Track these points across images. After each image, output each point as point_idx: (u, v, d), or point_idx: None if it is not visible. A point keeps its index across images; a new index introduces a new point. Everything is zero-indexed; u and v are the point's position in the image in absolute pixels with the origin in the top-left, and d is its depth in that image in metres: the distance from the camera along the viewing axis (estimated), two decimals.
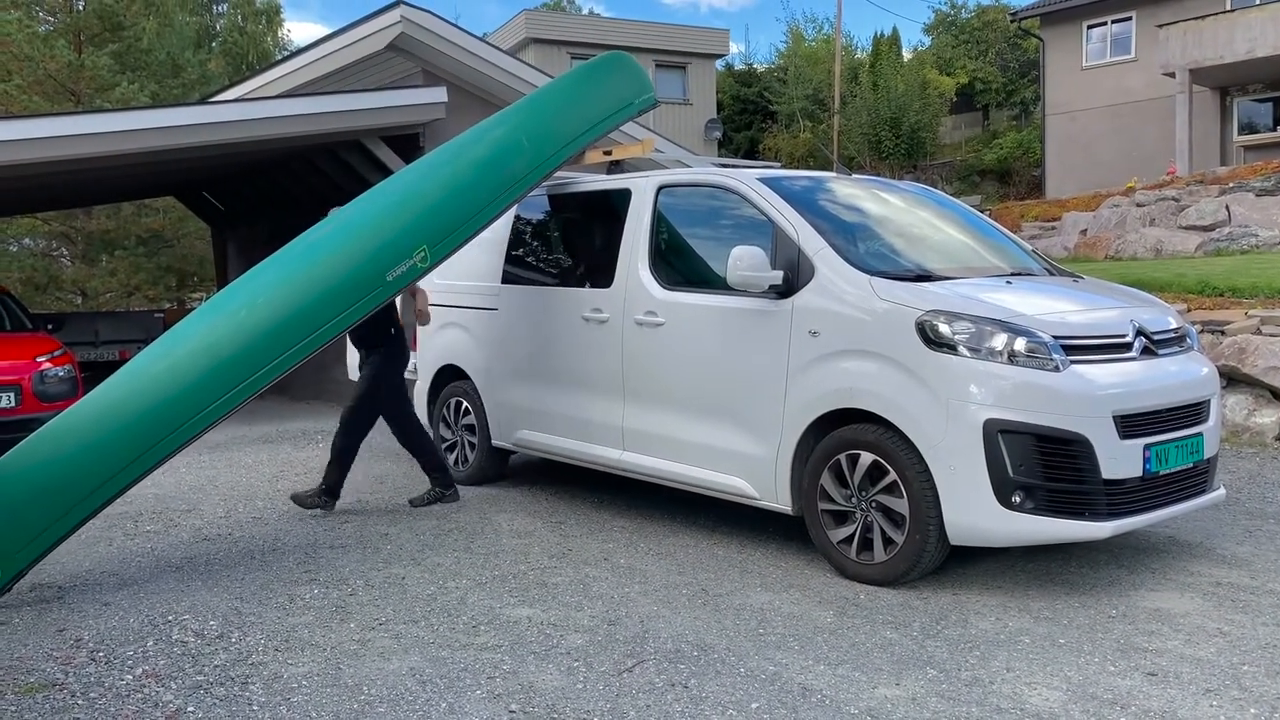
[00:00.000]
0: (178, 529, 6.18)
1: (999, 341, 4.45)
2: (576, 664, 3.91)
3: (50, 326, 10.52)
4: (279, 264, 5.44)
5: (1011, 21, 28.50)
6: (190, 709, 3.58)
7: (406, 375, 7.85)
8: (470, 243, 7.24)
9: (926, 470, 4.51)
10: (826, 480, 4.88)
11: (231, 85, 13.66)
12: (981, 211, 6.91)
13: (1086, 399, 4.42)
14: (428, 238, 5.52)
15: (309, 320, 5.18)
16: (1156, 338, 4.89)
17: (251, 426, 10.70)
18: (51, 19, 21.66)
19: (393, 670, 3.88)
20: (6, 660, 4.08)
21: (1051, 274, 5.71)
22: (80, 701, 3.67)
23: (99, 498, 4.78)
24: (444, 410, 7.42)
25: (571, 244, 6.73)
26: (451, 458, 7.35)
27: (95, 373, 12.37)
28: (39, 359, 8.86)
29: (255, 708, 3.58)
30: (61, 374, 8.95)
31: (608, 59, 6.77)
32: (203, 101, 13.66)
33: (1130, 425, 4.51)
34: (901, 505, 4.60)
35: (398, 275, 5.43)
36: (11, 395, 8.54)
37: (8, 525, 4.62)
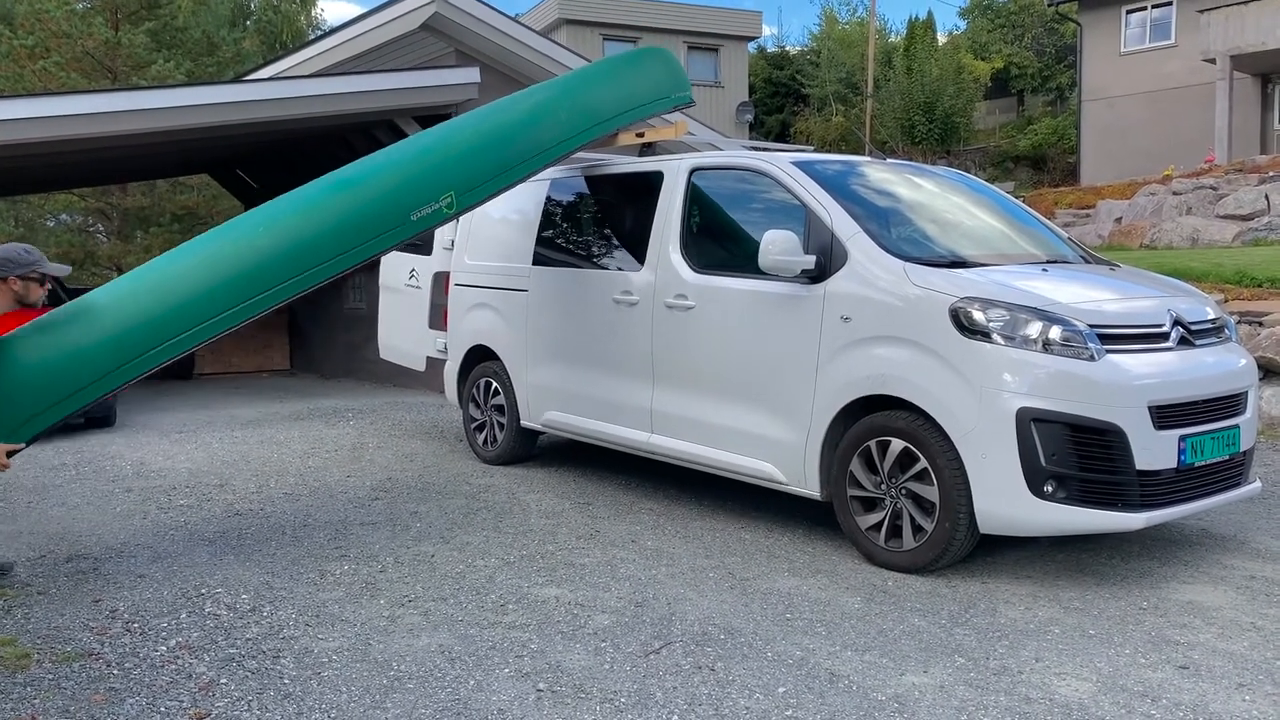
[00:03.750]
0: (210, 503, 6.26)
1: (1034, 329, 4.41)
2: (604, 644, 3.92)
3: None
4: (305, 192, 5.45)
5: (1049, 6, 28.09)
6: (223, 681, 3.63)
7: (436, 354, 7.91)
8: (501, 224, 7.29)
9: (958, 458, 4.48)
10: (856, 466, 4.86)
11: (266, 64, 13.72)
12: (1015, 198, 6.85)
13: (1121, 389, 4.37)
14: (456, 185, 5.54)
15: (327, 245, 5.14)
16: (1194, 328, 4.83)
17: (283, 404, 10.81)
18: None
19: (422, 647, 3.92)
20: (44, 629, 4.15)
21: (1087, 262, 5.65)
22: (116, 671, 3.73)
23: (104, 387, 4.71)
24: (473, 390, 7.45)
25: (602, 226, 6.72)
26: (481, 438, 7.39)
27: None
28: None
29: (286, 681, 3.62)
30: None
31: (653, 51, 6.88)
32: (237, 80, 13.71)
33: (1165, 416, 4.46)
34: (931, 493, 4.58)
35: (422, 216, 5.43)
36: None
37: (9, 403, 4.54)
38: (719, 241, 5.89)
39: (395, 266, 8.31)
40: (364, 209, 5.29)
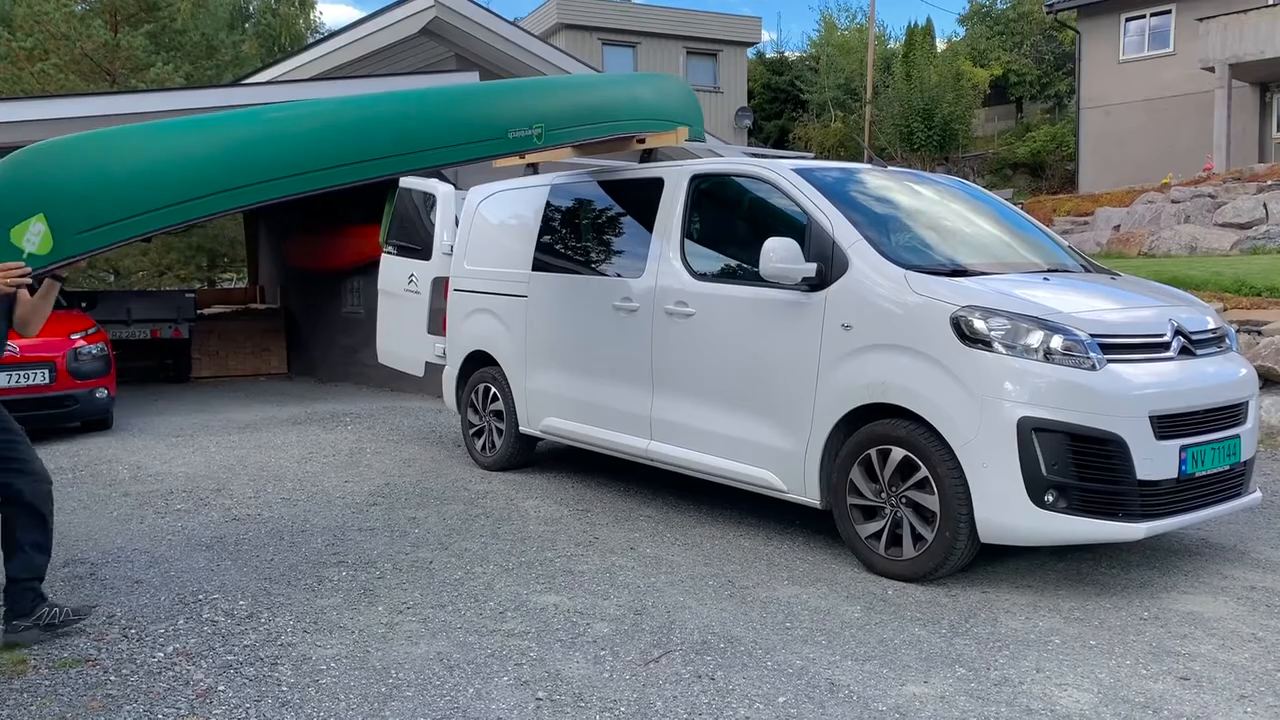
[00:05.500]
0: (208, 508, 6.24)
1: (1035, 339, 4.40)
2: (603, 653, 3.91)
3: (84, 305, 10.63)
4: (414, 90, 5.65)
5: (1048, 13, 28.16)
6: (221, 688, 3.62)
7: (435, 359, 7.90)
8: (501, 229, 7.29)
9: (958, 467, 4.47)
10: (856, 475, 4.85)
11: (265, 67, 13.72)
12: (1014, 205, 6.84)
13: (1123, 398, 4.37)
14: (546, 119, 5.74)
15: (434, 134, 5.24)
16: (1195, 338, 4.83)
17: (280, 408, 10.79)
18: None
19: (420, 654, 3.90)
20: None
21: (1088, 271, 5.64)
22: (113, 678, 3.71)
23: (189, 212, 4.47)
24: (472, 396, 7.43)
25: (603, 232, 6.71)
26: (479, 443, 7.38)
27: (126, 350, 12.53)
28: (73, 336, 8.98)
29: (284, 688, 3.61)
30: (95, 351, 9.06)
31: (684, 86, 7.15)
32: (236, 83, 13.71)
33: (1166, 426, 4.46)
34: (932, 502, 4.57)
35: (517, 137, 5.60)
36: (46, 372, 8.64)
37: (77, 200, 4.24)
38: (719, 248, 5.88)
39: (394, 271, 8.30)
40: (471, 111, 5.51)
